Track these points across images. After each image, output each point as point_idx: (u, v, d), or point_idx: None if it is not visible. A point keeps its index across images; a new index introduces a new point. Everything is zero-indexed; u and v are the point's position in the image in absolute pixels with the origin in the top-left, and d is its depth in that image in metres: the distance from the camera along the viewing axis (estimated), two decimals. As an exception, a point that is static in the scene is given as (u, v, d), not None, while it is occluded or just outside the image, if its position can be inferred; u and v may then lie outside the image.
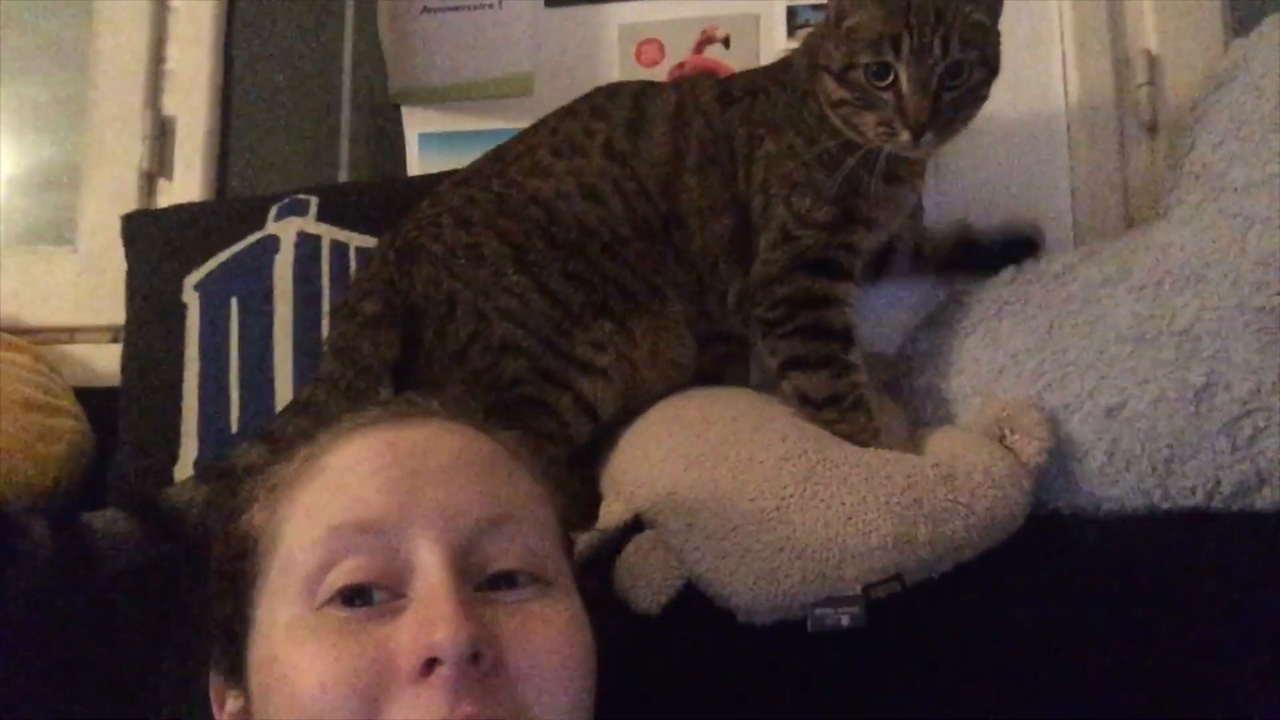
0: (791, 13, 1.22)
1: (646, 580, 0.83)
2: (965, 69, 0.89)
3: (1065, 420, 0.89)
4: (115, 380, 1.14)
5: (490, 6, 1.27)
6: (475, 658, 0.55)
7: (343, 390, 0.92)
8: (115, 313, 1.19)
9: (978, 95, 0.92)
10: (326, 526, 0.60)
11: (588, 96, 1.05)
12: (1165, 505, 0.88)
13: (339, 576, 0.58)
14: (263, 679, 0.60)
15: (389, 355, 0.95)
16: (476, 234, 0.97)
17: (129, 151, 1.30)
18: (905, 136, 0.89)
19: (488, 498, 0.62)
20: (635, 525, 0.87)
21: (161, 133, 1.31)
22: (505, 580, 0.61)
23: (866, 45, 0.89)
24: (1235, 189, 0.93)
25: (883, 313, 1.12)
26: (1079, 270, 0.98)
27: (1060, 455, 0.89)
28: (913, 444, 0.92)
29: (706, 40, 1.23)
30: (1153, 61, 1.17)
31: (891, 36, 0.87)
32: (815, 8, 1.21)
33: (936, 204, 1.15)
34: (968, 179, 1.17)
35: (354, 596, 0.58)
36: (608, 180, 0.98)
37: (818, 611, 0.80)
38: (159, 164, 1.31)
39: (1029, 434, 0.87)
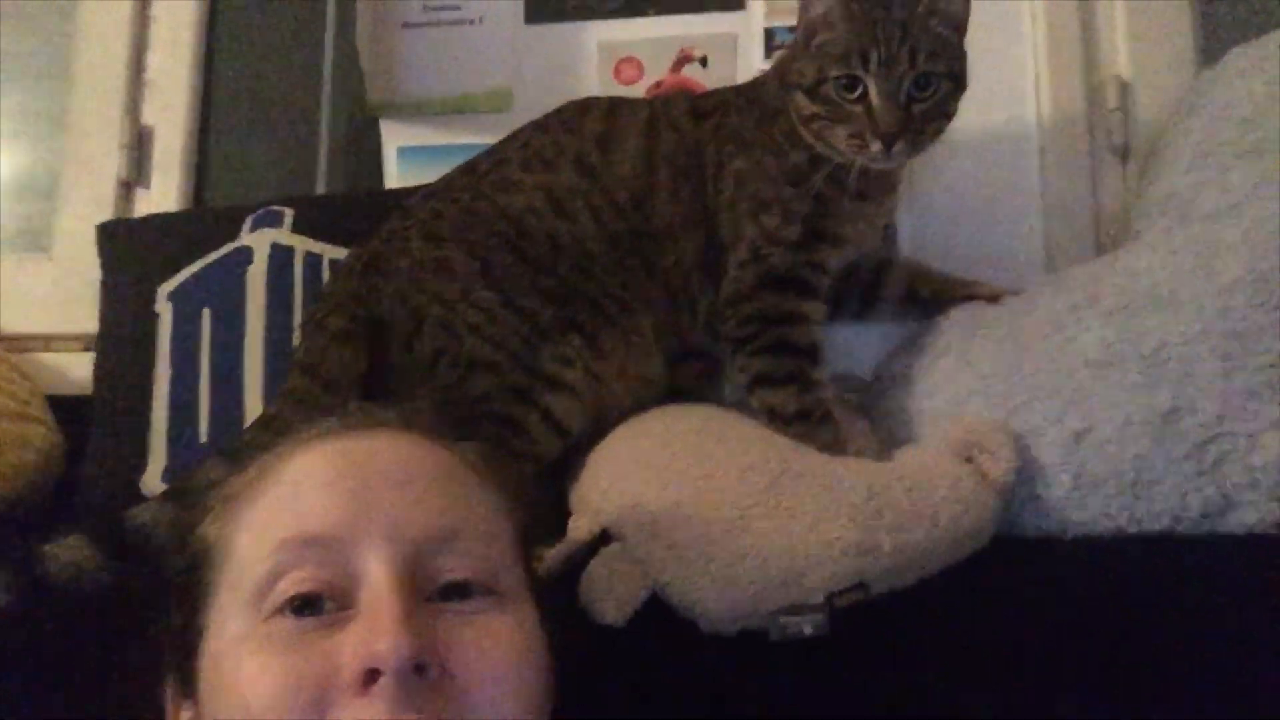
0: (769, 34, 1.23)
1: (612, 593, 0.83)
2: (933, 81, 0.90)
3: (1033, 445, 0.89)
4: (90, 388, 1.14)
5: (470, 22, 1.28)
6: (419, 669, 0.54)
7: (309, 406, 0.92)
8: (91, 321, 1.19)
9: (946, 109, 0.93)
10: (277, 539, 0.60)
11: (559, 110, 1.05)
12: (1132, 529, 0.88)
13: (288, 586, 0.58)
14: (212, 690, 0.60)
15: (355, 370, 0.95)
16: (445, 248, 0.97)
17: (107, 160, 1.31)
18: (876, 147, 0.90)
19: (438, 510, 0.61)
20: (602, 539, 0.87)
21: (140, 142, 1.32)
22: (458, 591, 0.60)
23: (836, 59, 0.90)
24: (1202, 216, 0.94)
25: (855, 337, 1.12)
26: (1048, 296, 0.98)
27: (1027, 480, 0.89)
28: (883, 459, 0.92)
29: (684, 59, 1.24)
30: (1124, 87, 1.18)
31: (860, 50, 0.89)
32: (792, 29, 1.20)
33: (911, 226, 1.16)
34: (941, 201, 1.17)
35: (303, 607, 0.58)
36: (578, 195, 0.98)
37: (780, 619, 0.79)
38: (137, 173, 1.31)
39: (996, 454, 0.87)
